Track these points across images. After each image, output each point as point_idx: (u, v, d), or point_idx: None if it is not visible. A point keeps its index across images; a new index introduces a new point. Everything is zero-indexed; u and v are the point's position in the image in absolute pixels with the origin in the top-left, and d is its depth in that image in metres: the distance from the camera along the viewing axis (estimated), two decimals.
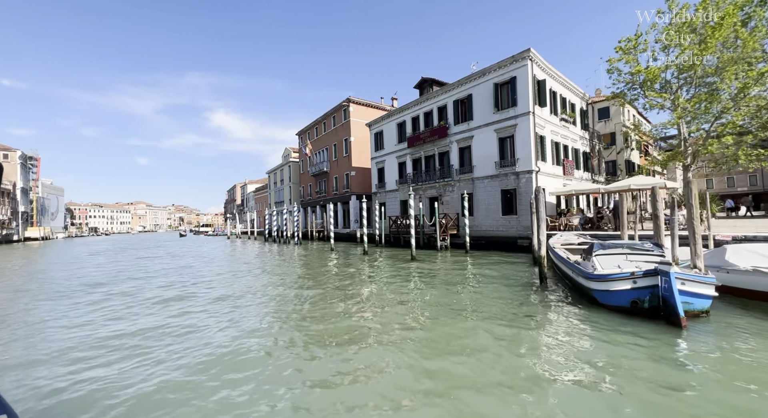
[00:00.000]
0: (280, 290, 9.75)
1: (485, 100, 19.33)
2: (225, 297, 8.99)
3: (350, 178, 33.23)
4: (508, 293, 8.41)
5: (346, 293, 9.00)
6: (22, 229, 79.17)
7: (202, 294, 9.50)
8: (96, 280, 12.72)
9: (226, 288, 10.31)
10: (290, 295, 9.10)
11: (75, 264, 19.13)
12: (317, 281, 10.98)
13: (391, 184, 27.24)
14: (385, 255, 18.63)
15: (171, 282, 11.77)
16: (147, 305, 8.44)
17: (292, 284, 10.78)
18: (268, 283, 11.09)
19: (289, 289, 9.92)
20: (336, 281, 11.03)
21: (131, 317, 7.33)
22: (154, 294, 9.68)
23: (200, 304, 8.34)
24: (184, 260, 20.03)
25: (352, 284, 10.26)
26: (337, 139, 35.27)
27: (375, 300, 8.17)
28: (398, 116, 26.36)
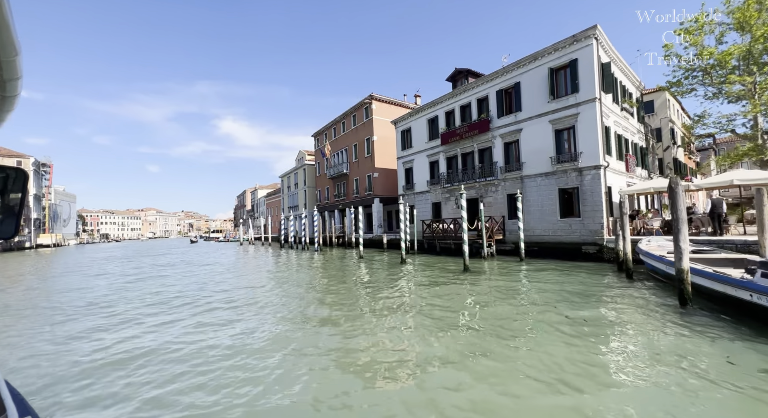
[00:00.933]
0: (342, 323, 7.63)
1: (537, 87, 17.17)
2: (274, 337, 6.90)
3: (373, 180, 31.20)
4: (654, 322, 6.16)
5: (427, 327, 6.82)
6: (34, 236, 78.89)
7: (243, 338, 7.43)
8: (110, 309, 10.77)
9: (268, 319, 8.22)
10: (358, 328, 6.96)
11: (81, 283, 17.31)
12: (376, 305, 8.83)
13: (421, 185, 25.11)
14: (424, 263, 16.43)
15: (206, 311, 9.73)
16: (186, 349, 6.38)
17: (353, 309, 8.65)
18: (318, 309, 8.98)
19: (355, 318, 7.79)
20: (394, 301, 8.87)
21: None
22: (187, 332, 7.64)
23: (247, 352, 6.26)
24: (203, 271, 18.09)
25: (425, 311, 8.08)
26: (358, 139, 33.35)
27: (474, 342, 5.97)
28: (429, 111, 24.30)
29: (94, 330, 6.96)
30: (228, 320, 7.44)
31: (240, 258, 25.07)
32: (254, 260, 23.35)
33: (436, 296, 9.15)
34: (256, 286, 11.94)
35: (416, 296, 9.28)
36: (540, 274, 11.97)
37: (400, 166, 27.33)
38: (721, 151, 44.02)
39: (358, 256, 20.63)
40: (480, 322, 6.62)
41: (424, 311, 7.54)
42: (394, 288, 10.45)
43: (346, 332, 6.25)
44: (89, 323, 7.49)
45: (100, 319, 7.88)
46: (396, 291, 9.99)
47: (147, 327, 7.05)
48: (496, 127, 19.36)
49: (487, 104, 19.93)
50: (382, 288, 10.52)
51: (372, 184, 31.31)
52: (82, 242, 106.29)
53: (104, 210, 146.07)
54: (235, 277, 14.73)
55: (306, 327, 6.73)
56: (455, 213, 22.19)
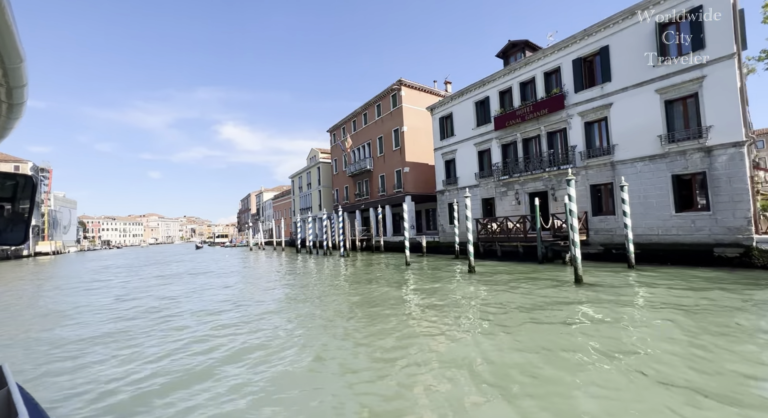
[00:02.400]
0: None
1: (635, 49, 13.77)
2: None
3: (403, 175, 27.79)
4: None
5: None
6: (32, 243, 75.72)
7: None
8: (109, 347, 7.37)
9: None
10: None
11: (75, 305, 13.94)
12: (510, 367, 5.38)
13: (468, 179, 21.68)
14: (497, 271, 12.96)
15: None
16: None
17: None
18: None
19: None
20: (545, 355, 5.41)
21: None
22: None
23: None
24: (226, 287, 14.68)
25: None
26: (384, 130, 29.98)
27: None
28: (477, 92, 20.93)
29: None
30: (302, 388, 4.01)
31: (261, 267, 21.63)
32: (280, 271, 19.88)
33: (612, 339, 5.68)
34: (325, 321, 8.50)
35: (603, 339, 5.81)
36: (693, 293, 8.48)
37: (439, 159, 23.92)
38: None
39: (405, 263, 17.19)
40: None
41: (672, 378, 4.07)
42: (544, 326, 6.99)
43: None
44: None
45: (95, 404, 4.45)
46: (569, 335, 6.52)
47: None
48: (573, 104, 15.95)
49: (559, 77, 16.55)
50: (519, 326, 7.06)
51: (402, 181, 27.89)
52: (82, 249, 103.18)
53: (105, 216, 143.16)
54: (283, 303, 11.29)
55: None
56: (514, 210, 18.76)
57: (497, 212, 19.67)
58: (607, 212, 14.94)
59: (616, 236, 14.23)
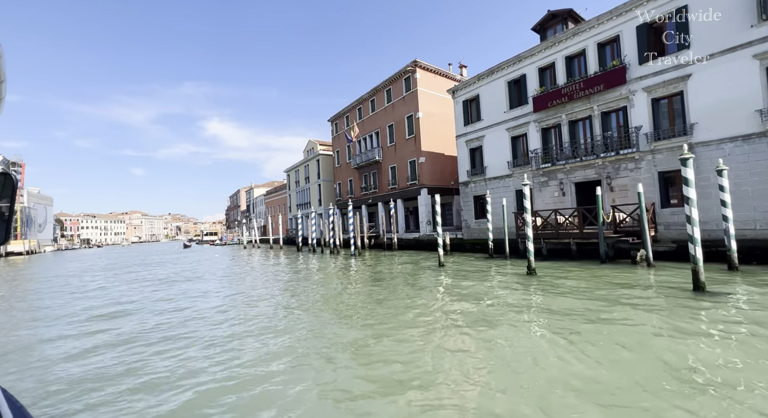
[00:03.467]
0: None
1: (726, 7, 11.57)
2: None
3: (418, 166, 25.29)
4: None
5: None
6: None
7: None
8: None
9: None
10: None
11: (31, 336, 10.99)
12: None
13: (498, 169, 19.32)
14: (561, 274, 10.62)
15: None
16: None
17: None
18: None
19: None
20: None
21: None
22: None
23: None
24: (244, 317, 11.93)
25: None
26: (396, 117, 27.37)
27: None
28: (510, 70, 18.53)
29: None
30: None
31: (264, 271, 18.82)
32: (291, 276, 17.13)
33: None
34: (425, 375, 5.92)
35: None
36: None
37: (462, 147, 21.48)
38: None
39: (438, 264, 14.72)
40: None
41: None
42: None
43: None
44: None
45: None
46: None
47: None
48: (636, 79, 13.69)
49: (618, 48, 14.27)
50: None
51: (417, 172, 25.38)
52: (60, 249, 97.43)
53: (85, 214, 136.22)
54: (324, 342, 8.67)
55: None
56: (557, 202, 16.50)
57: (535, 205, 17.38)
58: (680, 203, 12.76)
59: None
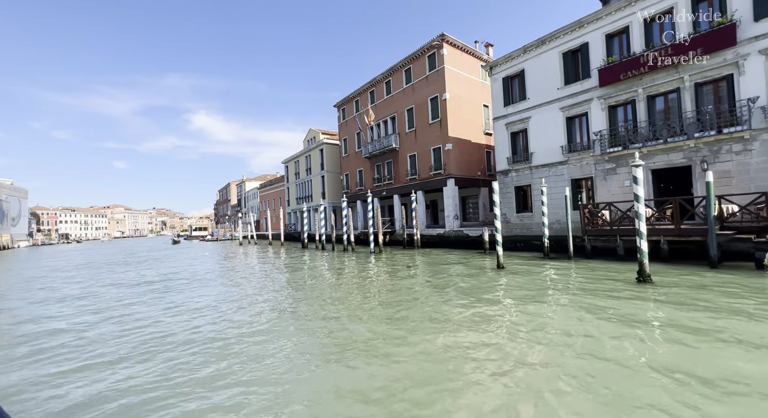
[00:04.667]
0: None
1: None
2: None
3: (444, 154, 22.56)
4: None
5: None
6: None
7: None
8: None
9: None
10: None
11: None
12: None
13: (548, 154, 16.74)
14: (683, 281, 8.08)
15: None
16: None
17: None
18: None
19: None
20: None
21: None
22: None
23: None
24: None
25: None
26: (417, 99, 24.51)
27: None
28: (566, 39, 15.90)
29: None
30: None
31: (284, 272, 15.84)
32: (318, 282, 14.21)
33: None
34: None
35: None
36: None
37: (502, 131, 18.82)
38: None
39: (497, 265, 12.08)
40: None
41: None
42: None
43: None
44: None
45: None
46: None
47: None
48: (750, 39, 11.23)
49: (722, 2, 11.77)
50: None
51: (443, 161, 22.64)
52: (35, 244, 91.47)
53: (64, 207, 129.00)
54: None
55: None
56: (627, 193, 14.01)
57: (598, 196, 14.89)
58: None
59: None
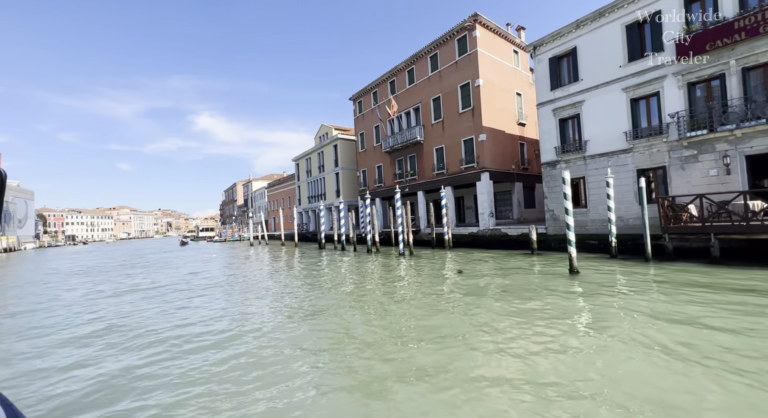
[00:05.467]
0: None
1: None
2: None
3: (477, 146, 20.64)
4: None
5: None
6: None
7: None
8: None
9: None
10: None
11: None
12: None
13: (606, 142, 14.77)
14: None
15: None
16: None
17: None
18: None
19: None
20: None
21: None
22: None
23: None
24: None
25: None
26: (445, 87, 22.60)
27: None
28: (633, 9, 13.90)
29: None
30: None
31: (313, 280, 14.05)
32: (360, 291, 12.38)
33: None
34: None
35: None
36: None
37: (548, 118, 16.87)
38: None
39: (569, 270, 10.19)
40: None
41: None
42: None
43: None
44: None
45: None
46: None
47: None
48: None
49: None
50: None
51: (476, 153, 20.72)
52: (42, 246, 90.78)
53: (70, 209, 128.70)
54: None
55: None
56: (711, 184, 12.01)
57: (673, 189, 12.89)
58: None
59: None
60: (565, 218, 10.39)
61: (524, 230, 17.71)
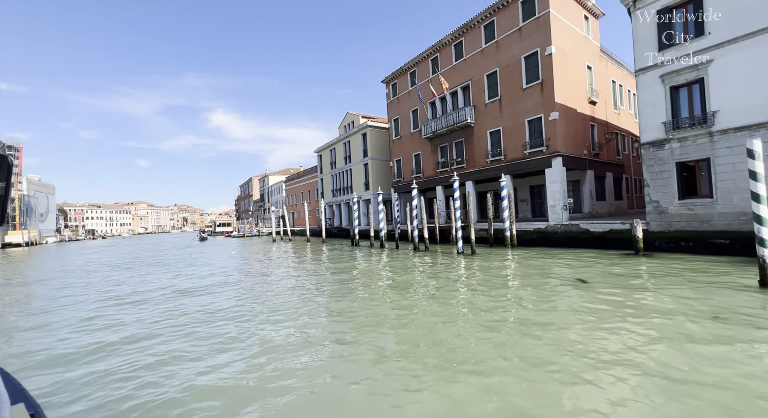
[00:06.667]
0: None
1: None
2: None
3: (547, 127, 17.45)
4: None
5: None
6: (1, 233, 64.24)
7: None
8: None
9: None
10: None
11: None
12: None
13: (747, 113, 11.43)
14: None
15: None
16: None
17: None
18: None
19: None
20: None
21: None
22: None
23: None
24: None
25: None
26: (504, 60, 19.40)
27: None
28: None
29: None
30: None
31: (371, 289, 11.30)
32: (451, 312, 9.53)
33: None
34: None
35: None
36: None
37: (652, 86, 13.54)
38: None
39: (762, 281, 7.05)
40: None
41: None
42: None
43: None
44: None
45: None
46: None
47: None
48: None
49: None
50: None
51: (545, 135, 17.53)
52: (63, 240, 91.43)
53: (90, 204, 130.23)
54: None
55: None
56: None
57: None
58: None
59: None
60: (756, 209, 7.25)
61: (614, 225, 14.52)
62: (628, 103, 24.16)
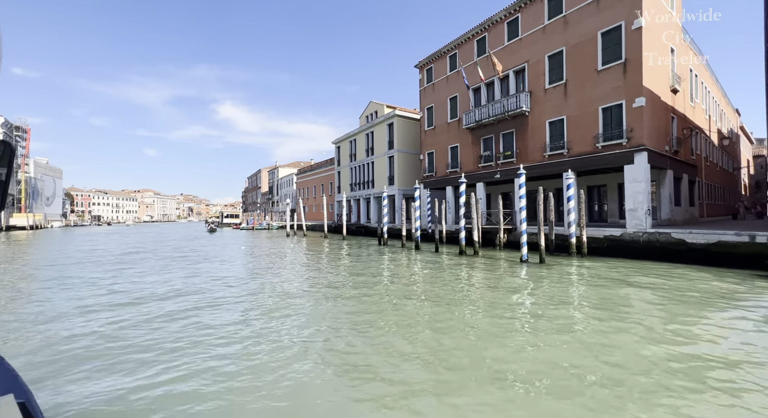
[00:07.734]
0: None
1: None
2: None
3: (629, 115, 14.64)
4: None
5: None
6: (5, 215, 62.69)
7: None
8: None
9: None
10: None
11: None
12: None
13: None
14: None
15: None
16: None
17: None
18: None
19: None
20: None
21: None
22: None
23: None
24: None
25: None
26: (571, 38, 16.60)
27: None
28: None
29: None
30: None
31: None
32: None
33: None
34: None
35: None
36: None
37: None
38: None
39: None
40: None
41: None
42: None
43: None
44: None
45: None
46: None
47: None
48: None
49: None
50: None
51: (625, 125, 14.73)
52: (68, 225, 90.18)
53: (97, 190, 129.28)
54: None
55: None
56: None
57: None
58: None
59: None
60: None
61: (725, 235, 11.74)
62: (702, 97, 21.23)
